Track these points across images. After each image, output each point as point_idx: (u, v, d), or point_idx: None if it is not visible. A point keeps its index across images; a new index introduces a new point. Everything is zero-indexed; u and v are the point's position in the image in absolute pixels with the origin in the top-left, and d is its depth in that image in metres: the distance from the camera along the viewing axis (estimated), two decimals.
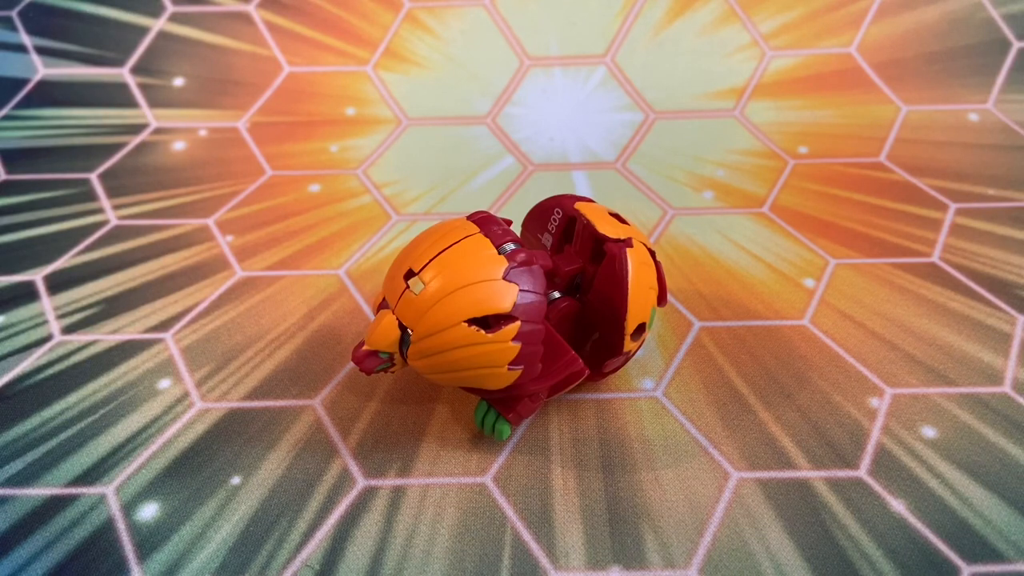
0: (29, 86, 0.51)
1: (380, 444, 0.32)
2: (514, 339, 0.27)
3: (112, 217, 0.44)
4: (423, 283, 0.27)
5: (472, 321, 0.27)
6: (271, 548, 0.28)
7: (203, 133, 0.49)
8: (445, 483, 0.30)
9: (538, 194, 0.44)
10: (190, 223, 0.43)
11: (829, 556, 0.27)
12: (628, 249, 0.29)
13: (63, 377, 0.35)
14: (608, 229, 0.30)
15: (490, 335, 0.27)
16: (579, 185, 0.45)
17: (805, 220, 0.42)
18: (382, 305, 0.29)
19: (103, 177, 0.46)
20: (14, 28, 0.52)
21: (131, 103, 0.50)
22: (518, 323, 0.27)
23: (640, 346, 0.31)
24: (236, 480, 0.30)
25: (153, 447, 0.32)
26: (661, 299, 0.32)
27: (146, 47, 0.51)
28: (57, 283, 0.39)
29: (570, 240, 0.32)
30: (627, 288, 0.29)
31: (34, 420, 0.33)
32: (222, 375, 0.35)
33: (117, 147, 0.48)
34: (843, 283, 0.38)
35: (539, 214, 0.33)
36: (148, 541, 0.28)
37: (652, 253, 0.31)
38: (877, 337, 0.36)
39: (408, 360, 0.28)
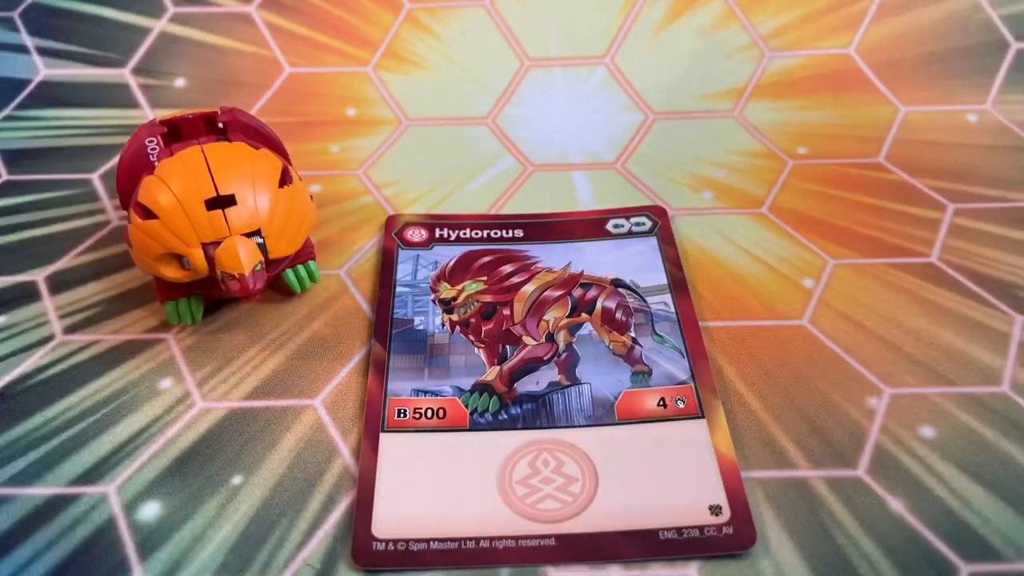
0: (30, 87, 0.51)
1: None
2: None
3: (113, 217, 0.44)
4: (235, 196, 0.33)
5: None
6: (271, 548, 0.28)
7: None
8: None
9: (538, 194, 0.44)
10: None
11: (828, 556, 0.27)
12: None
13: (65, 377, 0.35)
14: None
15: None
16: (579, 185, 0.45)
17: (804, 220, 0.42)
18: (179, 248, 0.32)
19: (104, 178, 0.46)
20: (15, 29, 0.52)
21: (132, 104, 0.50)
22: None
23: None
24: (237, 480, 0.30)
25: (154, 446, 0.32)
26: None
27: (147, 48, 0.52)
28: (59, 283, 0.40)
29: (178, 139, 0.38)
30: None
31: (36, 420, 0.33)
32: (223, 375, 0.35)
33: (118, 148, 0.48)
34: (842, 283, 0.38)
35: (131, 168, 0.37)
36: (149, 540, 0.28)
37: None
38: (876, 337, 0.36)
39: (272, 251, 0.33)
